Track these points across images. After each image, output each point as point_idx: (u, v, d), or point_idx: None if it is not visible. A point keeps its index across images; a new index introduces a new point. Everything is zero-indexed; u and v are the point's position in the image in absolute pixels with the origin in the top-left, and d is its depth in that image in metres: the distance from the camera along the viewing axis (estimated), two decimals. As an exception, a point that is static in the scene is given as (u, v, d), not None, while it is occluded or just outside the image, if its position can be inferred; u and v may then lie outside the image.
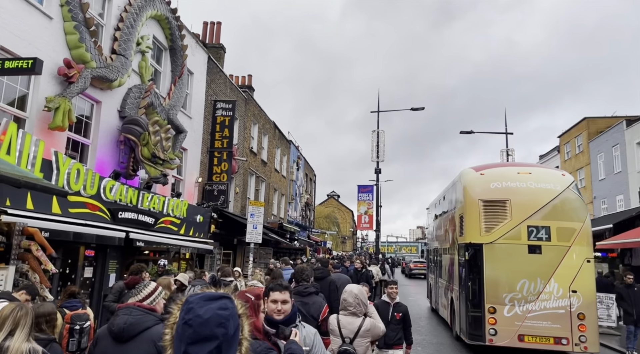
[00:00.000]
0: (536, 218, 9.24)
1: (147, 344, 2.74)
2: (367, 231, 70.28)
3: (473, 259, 9.51)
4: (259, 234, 11.00)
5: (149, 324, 2.82)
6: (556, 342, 8.66)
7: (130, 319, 2.80)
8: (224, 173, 16.16)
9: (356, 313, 4.08)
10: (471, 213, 9.81)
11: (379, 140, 21.28)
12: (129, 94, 11.08)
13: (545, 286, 8.91)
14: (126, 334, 2.74)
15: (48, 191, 6.06)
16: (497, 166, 11.15)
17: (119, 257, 10.48)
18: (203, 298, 1.48)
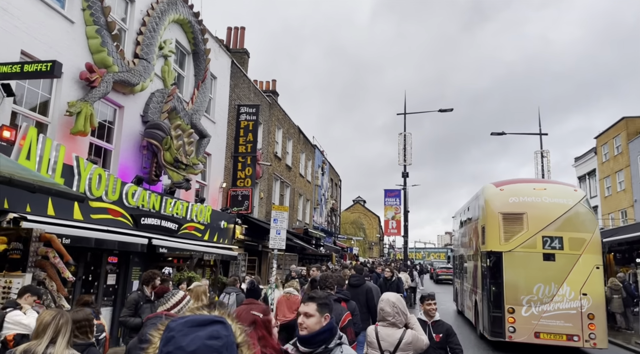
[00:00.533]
0: (550, 229, 10.20)
1: None
2: (395, 236, 69.22)
3: (494, 266, 10.51)
4: (283, 240, 10.65)
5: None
6: (568, 339, 9.59)
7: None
8: (248, 178, 15.93)
9: (396, 323, 3.69)
10: (492, 225, 10.80)
11: (406, 143, 20.71)
12: (151, 99, 10.97)
13: (558, 289, 9.86)
14: None
15: (63, 196, 5.86)
16: (515, 182, 11.94)
17: (142, 263, 10.31)
18: (188, 324, 1.08)
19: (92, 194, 8.32)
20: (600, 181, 32.99)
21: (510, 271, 10.17)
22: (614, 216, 30.66)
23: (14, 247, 5.66)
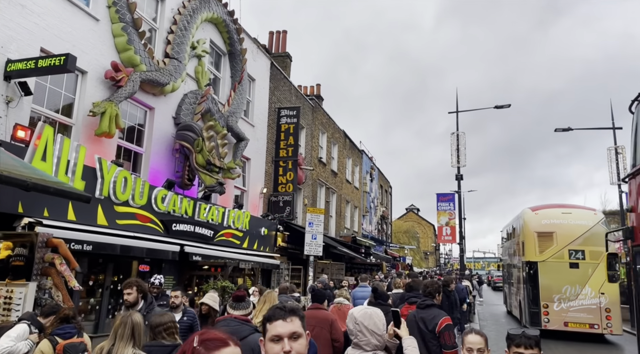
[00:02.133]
0: (575, 244, 13.31)
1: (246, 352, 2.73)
2: (450, 244, 66.29)
3: (532, 272, 13.84)
4: (320, 246, 9.79)
5: (245, 333, 3.15)
6: (590, 327, 12.77)
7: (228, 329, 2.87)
8: (290, 183, 15.24)
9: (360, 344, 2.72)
10: (529, 241, 14.18)
11: (459, 143, 19.26)
12: (184, 100, 10.55)
13: (582, 289, 13.02)
14: None
15: (63, 195, 5.33)
16: (547, 207, 15.01)
17: (175, 272, 9.79)
18: None
19: (118, 199, 7.87)
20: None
21: (544, 276, 13.48)
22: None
23: (17, 253, 5.17)
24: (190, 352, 1.20)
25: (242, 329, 3.20)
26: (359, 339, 2.72)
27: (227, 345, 1.24)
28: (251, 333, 3.21)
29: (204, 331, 1.28)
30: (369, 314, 2.78)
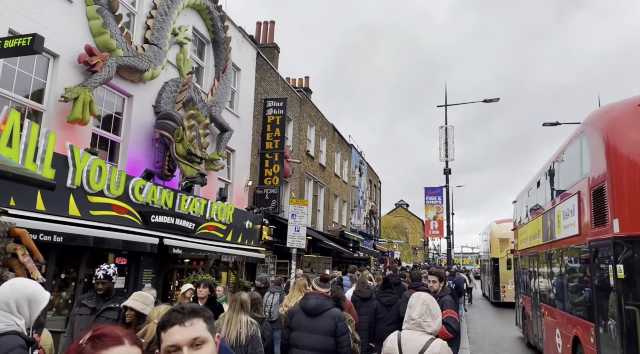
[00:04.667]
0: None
1: (329, 319, 4.17)
2: (439, 240, 66.48)
3: (496, 265, 20.57)
4: (302, 238, 9.55)
5: (329, 306, 4.27)
6: None
7: (318, 301, 4.21)
8: (276, 176, 14.96)
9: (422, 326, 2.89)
10: (494, 243, 21.02)
11: (448, 137, 19.11)
12: (164, 88, 10.21)
13: None
14: (316, 311, 4.17)
15: (24, 181, 5.01)
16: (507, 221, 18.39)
17: (155, 265, 9.49)
18: None
19: (91, 188, 7.53)
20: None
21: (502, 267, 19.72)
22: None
23: (-24, 243, 4.84)
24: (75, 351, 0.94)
25: (325, 303, 4.27)
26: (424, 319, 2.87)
27: (120, 343, 0.99)
28: (333, 306, 4.34)
29: (98, 327, 1.03)
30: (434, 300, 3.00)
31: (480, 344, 11.78)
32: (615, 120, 5.87)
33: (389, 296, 6.40)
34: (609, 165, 5.50)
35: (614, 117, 5.93)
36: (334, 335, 4.12)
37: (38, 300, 2.45)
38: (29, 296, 2.42)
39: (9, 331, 2.26)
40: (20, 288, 2.44)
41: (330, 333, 4.11)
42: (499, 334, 13.48)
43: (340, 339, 4.15)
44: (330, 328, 4.12)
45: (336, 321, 4.15)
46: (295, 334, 4.19)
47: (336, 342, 4.13)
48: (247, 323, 3.85)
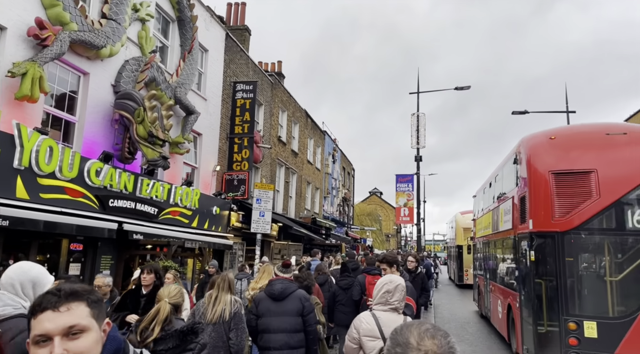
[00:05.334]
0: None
1: (296, 300, 4.45)
2: (409, 225, 67.36)
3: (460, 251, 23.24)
4: (267, 223, 9.34)
5: (294, 288, 4.55)
6: None
7: (283, 285, 4.45)
8: (245, 161, 14.64)
9: (398, 309, 3.22)
10: (459, 233, 23.33)
11: (419, 124, 19.12)
12: (124, 67, 9.73)
13: None
14: (283, 295, 4.41)
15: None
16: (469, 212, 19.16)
17: (113, 252, 9.13)
18: None
19: (41, 170, 7.11)
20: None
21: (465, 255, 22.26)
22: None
23: None
24: None
25: (290, 286, 4.50)
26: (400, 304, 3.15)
27: None
28: (298, 288, 4.58)
29: None
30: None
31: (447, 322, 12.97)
32: (534, 147, 7.65)
33: (347, 280, 6.66)
34: (529, 181, 7.45)
35: (534, 145, 7.71)
36: (301, 314, 4.39)
37: (42, 283, 2.47)
38: (33, 278, 2.44)
39: (17, 314, 2.25)
40: (26, 270, 2.47)
41: (299, 313, 4.38)
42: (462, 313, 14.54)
43: (308, 317, 4.43)
44: (298, 309, 4.39)
45: (303, 301, 4.45)
46: (264, 320, 4.35)
47: (304, 321, 4.40)
48: (231, 301, 4.18)
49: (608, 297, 6.52)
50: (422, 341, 1.15)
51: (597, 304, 6.58)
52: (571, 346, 6.37)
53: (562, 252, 6.75)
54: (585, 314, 6.48)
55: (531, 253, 7.12)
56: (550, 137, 7.60)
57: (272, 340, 4.29)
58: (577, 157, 7.22)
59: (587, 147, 7.31)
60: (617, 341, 6.21)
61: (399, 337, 1.19)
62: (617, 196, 6.71)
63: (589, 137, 7.65)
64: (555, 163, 7.20)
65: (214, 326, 4.06)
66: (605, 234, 6.80)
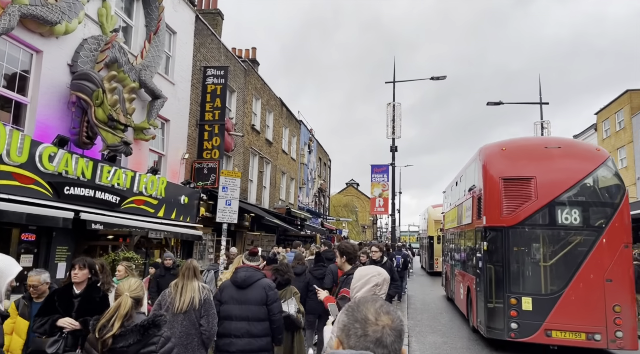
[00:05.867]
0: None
1: (260, 289, 4.40)
2: (387, 218, 67.73)
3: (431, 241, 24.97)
4: (234, 213, 8.96)
5: (259, 276, 4.50)
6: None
7: (248, 273, 4.44)
8: (216, 149, 14.16)
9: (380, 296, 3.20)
10: (430, 224, 25.19)
11: (395, 114, 18.94)
12: (83, 46, 9.12)
13: None
14: (246, 283, 4.38)
15: None
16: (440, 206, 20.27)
17: (70, 242, 8.60)
18: None
19: (-15, 153, 6.55)
20: (601, 159, 31.50)
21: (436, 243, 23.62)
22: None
23: None
24: None
25: (255, 274, 4.45)
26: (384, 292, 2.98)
27: None
28: (263, 277, 4.54)
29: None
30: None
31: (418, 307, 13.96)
32: (489, 156, 9.13)
33: (321, 270, 6.68)
34: (484, 184, 8.97)
35: (489, 154, 9.19)
36: (265, 304, 4.33)
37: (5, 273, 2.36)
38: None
39: None
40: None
41: (262, 302, 4.32)
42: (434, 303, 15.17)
43: (272, 306, 4.37)
44: (261, 298, 4.32)
45: (267, 290, 4.37)
46: (226, 307, 4.30)
47: (268, 310, 4.34)
48: (199, 288, 4.14)
49: (541, 278, 8.13)
50: (379, 317, 1.27)
51: (533, 284, 8.15)
52: (512, 317, 7.96)
53: (508, 243, 8.30)
54: (524, 292, 8.06)
55: (484, 244, 8.65)
56: (502, 149, 9.15)
57: (233, 328, 4.24)
58: (521, 166, 8.64)
59: (530, 158, 8.77)
60: (547, 313, 7.81)
61: (356, 314, 1.28)
62: (551, 198, 8.23)
63: (531, 149, 9.08)
64: (505, 170, 8.67)
65: (185, 314, 4.04)
66: (541, 228, 8.30)
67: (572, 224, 8.15)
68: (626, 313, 7.63)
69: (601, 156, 8.70)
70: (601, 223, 8.09)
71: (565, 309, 7.76)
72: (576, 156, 8.92)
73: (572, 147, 9.39)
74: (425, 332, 10.15)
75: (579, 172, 8.39)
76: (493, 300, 8.29)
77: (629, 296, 7.75)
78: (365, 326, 1.25)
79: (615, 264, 7.84)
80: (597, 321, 7.65)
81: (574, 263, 7.96)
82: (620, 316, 7.62)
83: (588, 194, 8.27)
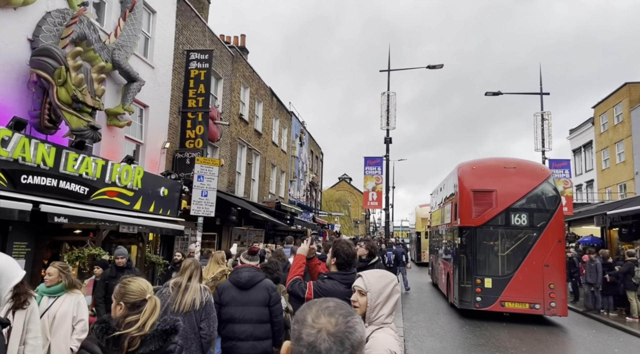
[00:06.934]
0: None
1: (263, 290, 4.25)
2: (380, 213, 67.12)
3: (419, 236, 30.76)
4: (211, 205, 8.13)
5: (261, 277, 4.35)
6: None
7: (251, 274, 4.24)
8: (200, 138, 13.28)
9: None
10: (418, 221, 31.96)
11: (390, 104, 18.14)
12: (46, 19, 8.21)
13: None
14: (250, 284, 4.19)
15: None
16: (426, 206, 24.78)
17: (30, 237, 7.74)
18: None
19: None
20: (597, 153, 30.95)
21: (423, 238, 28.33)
22: (611, 190, 28.73)
23: None
24: None
25: (258, 274, 4.30)
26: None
27: None
28: (265, 278, 4.39)
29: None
30: None
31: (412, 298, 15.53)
32: (463, 173, 12.06)
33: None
34: (459, 194, 11.82)
35: (463, 171, 12.13)
36: (268, 305, 4.22)
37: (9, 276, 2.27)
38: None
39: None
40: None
41: (265, 303, 4.21)
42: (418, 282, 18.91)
43: (274, 308, 4.26)
44: (264, 299, 4.21)
45: (270, 291, 4.26)
46: (229, 310, 4.15)
47: (270, 311, 4.23)
48: (200, 290, 3.98)
49: (499, 264, 10.99)
50: (317, 319, 1.12)
51: (492, 268, 11.00)
52: (477, 292, 10.85)
53: (475, 238, 11.18)
54: (486, 274, 10.94)
55: (459, 239, 11.55)
56: (473, 167, 12.15)
57: (237, 330, 4.10)
58: (486, 181, 11.59)
59: (492, 175, 11.75)
60: (502, 289, 10.72)
61: (299, 314, 1.18)
62: (506, 206, 11.16)
63: (494, 168, 12.06)
64: (474, 184, 11.61)
65: (185, 316, 3.82)
66: (499, 228, 11.14)
67: (522, 225, 11.06)
68: (558, 289, 10.58)
69: (544, 174, 11.62)
70: (542, 224, 10.97)
71: (515, 287, 10.67)
72: (526, 174, 11.63)
73: (524, 167, 11.99)
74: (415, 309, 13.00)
75: (527, 186, 11.27)
76: (464, 281, 11.15)
77: (560, 277, 10.72)
78: (301, 328, 1.12)
79: (551, 254, 10.76)
80: (537, 295, 10.53)
81: (521, 253, 10.87)
82: (554, 291, 10.53)
83: (533, 202, 11.13)
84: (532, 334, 9.85)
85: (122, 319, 2.28)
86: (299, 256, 3.66)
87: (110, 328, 2.20)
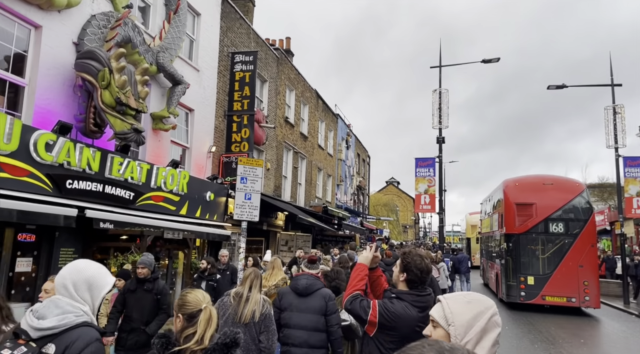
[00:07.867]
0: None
1: (320, 298, 4.26)
2: (430, 217, 65.10)
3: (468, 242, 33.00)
4: (255, 209, 7.65)
5: (319, 286, 4.38)
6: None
7: (309, 281, 4.31)
8: (245, 142, 12.98)
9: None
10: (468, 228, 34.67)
11: (442, 102, 17.18)
12: (90, 22, 8.12)
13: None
14: (307, 291, 4.24)
15: None
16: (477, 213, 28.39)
17: (77, 243, 7.59)
18: None
19: (-36, 139, 5.56)
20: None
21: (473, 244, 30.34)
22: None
23: None
24: None
25: (316, 283, 4.39)
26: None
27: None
28: (323, 286, 4.48)
29: None
30: None
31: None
32: (508, 189, 14.53)
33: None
34: (505, 206, 14.37)
35: (507, 187, 14.61)
36: (324, 314, 4.21)
37: (100, 285, 2.18)
38: (88, 278, 2.15)
39: (81, 322, 2.05)
40: (80, 269, 2.19)
41: (321, 312, 4.21)
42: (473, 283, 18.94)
43: (331, 317, 4.22)
44: (321, 307, 4.21)
45: (326, 299, 4.25)
46: (286, 315, 4.24)
47: (326, 321, 4.20)
48: (261, 302, 3.98)
49: (539, 265, 13.15)
50: None
51: (534, 268, 13.17)
52: (521, 289, 13.02)
53: (519, 243, 13.43)
54: (529, 273, 13.09)
55: (505, 244, 13.86)
56: (516, 184, 14.51)
57: (292, 336, 4.16)
58: (527, 196, 13.81)
59: (533, 190, 13.94)
60: (542, 286, 12.89)
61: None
62: (545, 216, 13.35)
63: (534, 184, 14.24)
64: (518, 198, 13.89)
65: (245, 327, 3.85)
66: (540, 234, 13.32)
67: (559, 232, 13.22)
68: (592, 286, 12.69)
69: (579, 189, 13.75)
70: (577, 232, 13.09)
71: (554, 284, 12.79)
72: (562, 189, 13.73)
73: (561, 183, 14.21)
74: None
75: (563, 200, 13.43)
76: (510, 279, 13.43)
77: (594, 275, 12.85)
78: None
79: (585, 256, 12.87)
80: (573, 290, 12.66)
81: (559, 255, 13.03)
82: (588, 287, 12.62)
83: (569, 213, 13.28)
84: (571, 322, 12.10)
85: (180, 334, 2.25)
86: (360, 266, 2.99)
87: (170, 343, 2.15)
